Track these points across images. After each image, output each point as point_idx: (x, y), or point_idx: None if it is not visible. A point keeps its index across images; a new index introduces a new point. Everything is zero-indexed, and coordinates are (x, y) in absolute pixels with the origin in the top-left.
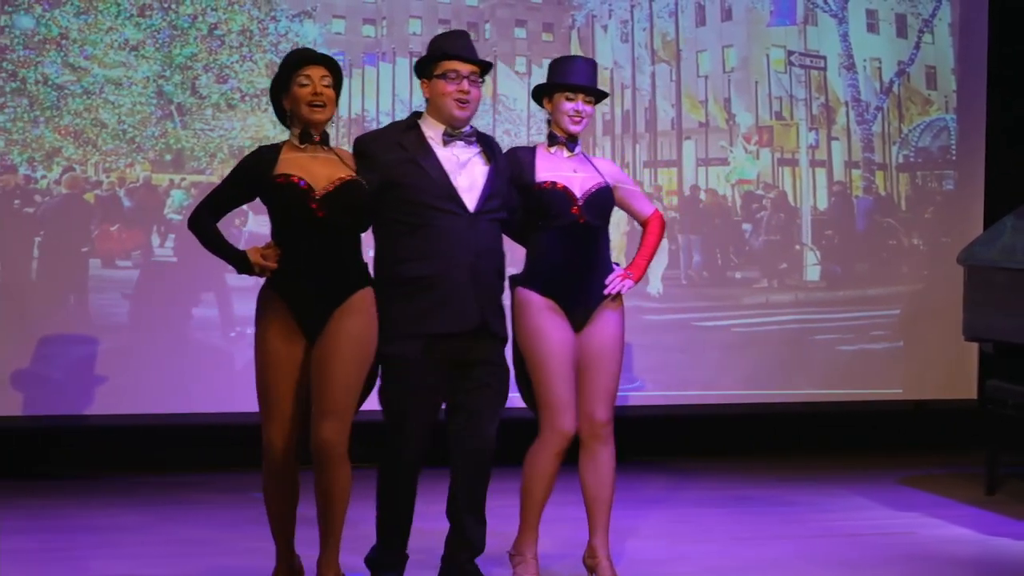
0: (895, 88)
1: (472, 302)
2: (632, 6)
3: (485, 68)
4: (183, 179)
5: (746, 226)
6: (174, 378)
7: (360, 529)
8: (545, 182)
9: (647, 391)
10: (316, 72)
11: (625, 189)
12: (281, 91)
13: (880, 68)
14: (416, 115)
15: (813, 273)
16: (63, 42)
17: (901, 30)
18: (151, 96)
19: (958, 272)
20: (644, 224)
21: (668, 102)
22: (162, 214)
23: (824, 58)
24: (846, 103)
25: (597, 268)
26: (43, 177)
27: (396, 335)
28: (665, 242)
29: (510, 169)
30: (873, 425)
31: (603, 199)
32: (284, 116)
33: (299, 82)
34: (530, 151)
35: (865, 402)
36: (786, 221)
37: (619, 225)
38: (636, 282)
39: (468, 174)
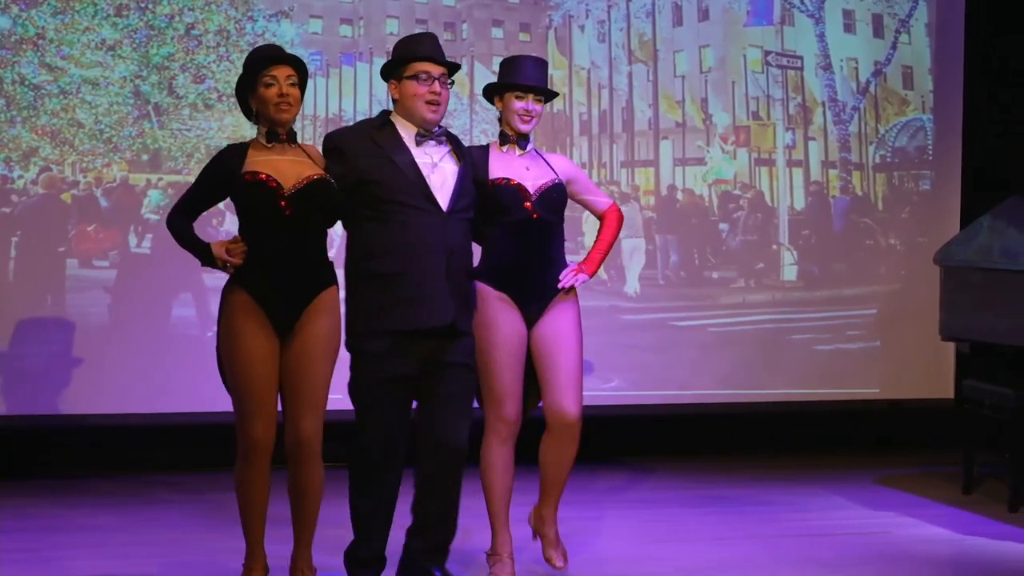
0: (872, 88)
1: (444, 299)
2: (609, 6)
3: (453, 69)
4: (160, 179)
5: (723, 226)
6: (152, 378)
7: (330, 529)
8: (499, 179)
9: (623, 390)
10: (282, 72)
11: (579, 184)
12: (247, 90)
13: (857, 68)
14: (387, 113)
15: (790, 273)
16: (40, 42)
17: (878, 30)
18: (128, 96)
19: (935, 272)
20: (601, 218)
21: (645, 102)
22: (139, 214)
23: (801, 58)
24: (823, 103)
25: (551, 263)
26: (20, 177)
27: (367, 330)
28: (642, 242)
29: (472, 168)
30: (850, 424)
31: (556, 195)
32: (250, 113)
33: (265, 82)
34: (483, 150)
35: (842, 402)
36: (763, 221)
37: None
38: (590, 276)
39: (440, 174)
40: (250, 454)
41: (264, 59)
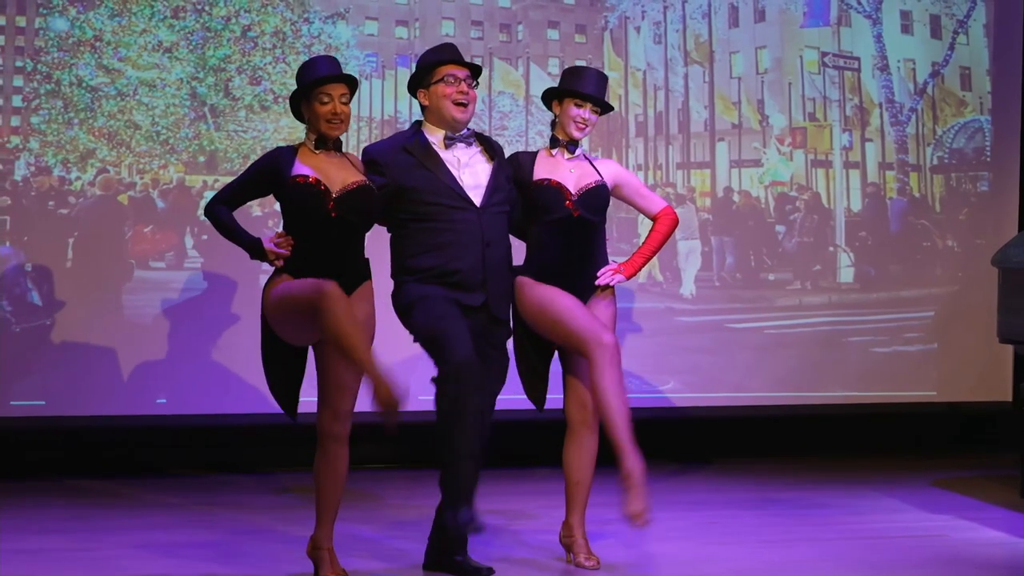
0: (929, 89)
1: (481, 286)
2: (665, 7)
3: (477, 72)
4: (216, 180)
5: (779, 228)
6: (210, 379)
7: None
8: (541, 180)
9: (679, 392)
10: (336, 91)
11: (629, 188)
12: (301, 99)
13: (914, 69)
14: (417, 124)
15: (847, 275)
16: (97, 44)
17: (935, 31)
18: (184, 98)
19: (992, 274)
20: (653, 220)
21: (701, 103)
22: (195, 215)
23: (858, 59)
24: (880, 104)
25: (592, 261)
26: (77, 179)
27: (415, 291)
28: (698, 244)
29: (511, 169)
30: (906, 427)
31: (598, 195)
32: (302, 117)
33: (320, 99)
34: (531, 155)
35: (899, 404)
36: (819, 223)
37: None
38: (628, 277)
39: (472, 173)
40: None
41: (322, 77)
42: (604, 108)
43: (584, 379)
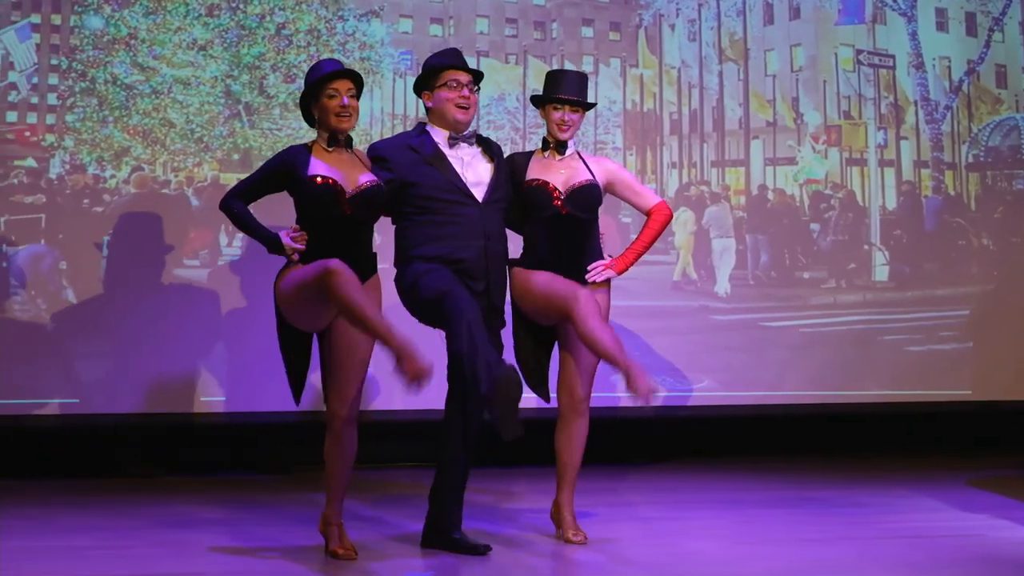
0: (964, 87)
1: (481, 275)
2: (700, 5)
3: (479, 77)
4: None
5: (814, 226)
6: (243, 377)
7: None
8: (532, 180)
9: (713, 391)
10: (343, 85)
11: (621, 185)
12: (310, 99)
13: (949, 67)
14: (422, 124)
15: (881, 273)
16: (132, 42)
17: (971, 28)
18: (219, 96)
19: None
20: (647, 216)
21: (736, 101)
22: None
23: (893, 57)
24: (915, 102)
25: (583, 257)
26: (112, 176)
27: (419, 268)
28: (732, 242)
29: (507, 169)
30: (942, 426)
31: (587, 194)
32: (312, 121)
33: (328, 94)
34: (526, 156)
35: (934, 403)
36: (854, 221)
37: (687, 224)
38: (619, 273)
39: (474, 171)
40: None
41: (328, 73)
42: (584, 107)
43: (569, 367)
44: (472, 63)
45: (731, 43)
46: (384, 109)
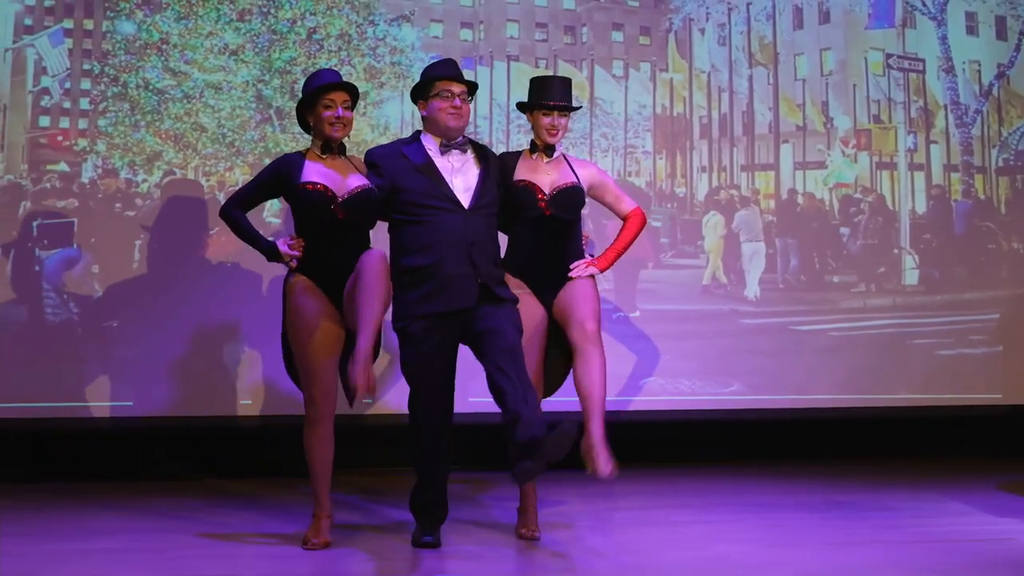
0: (995, 91)
1: (469, 285)
2: (729, 9)
3: (473, 88)
4: None
5: (844, 230)
6: (277, 379)
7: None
8: (519, 181)
9: (743, 395)
10: (339, 97)
11: (602, 189)
12: (306, 108)
13: (979, 71)
14: (417, 132)
15: (911, 277)
16: (164, 47)
17: (1001, 32)
18: (250, 100)
19: None
20: (624, 220)
21: (765, 105)
22: (261, 217)
23: (923, 61)
24: (945, 106)
25: (564, 256)
26: (144, 181)
27: (407, 315)
28: (762, 246)
29: (499, 169)
30: (971, 430)
31: (570, 196)
32: (307, 128)
33: (324, 104)
34: (515, 156)
35: (963, 407)
36: (884, 225)
37: (716, 228)
38: (601, 271)
39: (463, 178)
40: (308, 421)
41: (325, 84)
42: (571, 109)
43: (576, 316)
44: (502, 67)
45: (761, 47)
46: (415, 113)
